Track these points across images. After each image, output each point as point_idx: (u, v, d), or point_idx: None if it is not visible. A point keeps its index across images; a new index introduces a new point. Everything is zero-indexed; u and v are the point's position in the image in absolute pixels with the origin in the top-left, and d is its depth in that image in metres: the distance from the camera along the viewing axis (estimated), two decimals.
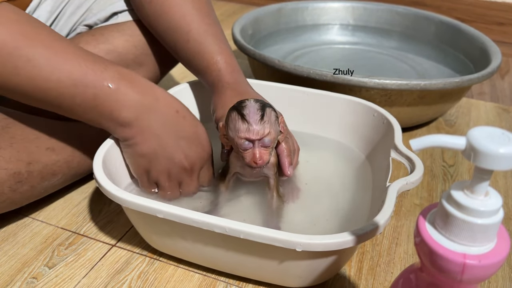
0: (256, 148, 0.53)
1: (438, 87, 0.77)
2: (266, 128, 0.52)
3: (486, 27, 1.44)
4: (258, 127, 0.51)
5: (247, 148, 0.53)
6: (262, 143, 0.52)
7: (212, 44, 0.63)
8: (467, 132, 0.28)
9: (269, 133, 0.52)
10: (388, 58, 1.08)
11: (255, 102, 0.53)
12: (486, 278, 0.30)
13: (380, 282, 0.55)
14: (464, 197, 0.29)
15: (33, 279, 0.54)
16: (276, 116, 0.54)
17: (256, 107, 0.52)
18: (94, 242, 0.59)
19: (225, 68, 0.62)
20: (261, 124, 0.51)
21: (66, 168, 0.62)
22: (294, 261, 0.47)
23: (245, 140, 0.52)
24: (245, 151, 0.53)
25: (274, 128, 0.53)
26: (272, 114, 0.53)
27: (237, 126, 0.52)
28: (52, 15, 0.70)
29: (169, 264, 0.56)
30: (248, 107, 0.52)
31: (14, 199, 0.57)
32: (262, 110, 0.52)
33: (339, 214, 0.58)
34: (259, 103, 0.53)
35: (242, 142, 0.52)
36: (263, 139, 0.52)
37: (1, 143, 0.55)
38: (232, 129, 0.53)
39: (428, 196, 0.70)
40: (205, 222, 0.46)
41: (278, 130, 0.54)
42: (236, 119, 0.52)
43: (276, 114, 0.54)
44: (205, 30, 0.63)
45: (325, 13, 1.20)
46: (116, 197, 0.49)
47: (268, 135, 0.52)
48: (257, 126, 0.51)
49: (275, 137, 0.53)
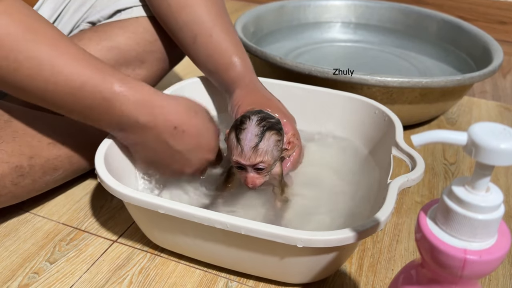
0: (249, 173, 0.53)
1: (440, 85, 0.77)
2: (259, 156, 0.51)
3: (488, 25, 1.44)
4: (250, 154, 0.51)
5: (241, 171, 0.54)
6: (255, 168, 0.52)
7: (232, 42, 0.64)
8: (468, 128, 0.28)
9: (263, 161, 0.52)
10: (390, 56, 1.08)
11: (256, 125, 0.52)
12: (486, 274, 0.30)
13: (380, 279, 0.55)
14: (465, 193, 0.29)
15: (34, 274, 0.54)
16: (277, 140, 0.53)
17: (255, 132, 0.51)
18: (96, 237, 0.60)
19: (244, 68, 0.63)
20: (255, 152, 0.51)
21: (67, 163, 0.62)
22: (295, 257, 0.47)
23: (237, 164, 0.53)
24: (239, 172, 0.54)
25: (271, 154, 0.52)
26: (272, 139, 0.52)
27: (232, 148, 0.52)
28: (55, 12, 0.70)
29: (170, 260, 0.56)
30: (246, 131, 0.51)
31: (15, 193, 0.57)
32: (261, 135, 0.51)
33: (340, 210, 0.58)
34: (260, 126, 0.52)
35: (235, 164, 0.53)
36: (256, 166, 0.52)
37: (4, 137, 0.55)
38: (228, 148, 0.54)
39: (429, 194, 0.70)
40: (206, 218, 0.46)
41: (275, 155, 0.53)
42: (233, 140, 0.52)
43: (277, 138, 0.53)
44: (226, 28, 0.64)
45: (327, 11, 1.20)
46: (117, 193, 0.49)
47: (261, 162, 0.52)
48: (249, 153, 0.51)
49: (272, 162, 0.53)
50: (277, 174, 0.57)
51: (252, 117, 0.53)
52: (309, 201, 0.60)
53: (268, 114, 0.55)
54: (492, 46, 0.93)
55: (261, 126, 0.52)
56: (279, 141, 0.53)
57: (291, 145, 0.56)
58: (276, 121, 0.54)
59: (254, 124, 0.52)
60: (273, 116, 0.55)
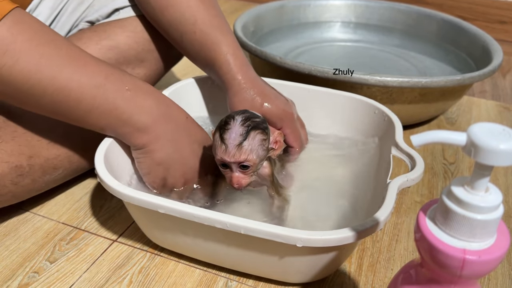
0: (234, 172, 0.52)
1: (440, 84, 0.77)
2: (244, 154, 0.51)
3: (488, 25, 1.44)
4: (235, 151, 0.51)
5: (226, 170, 0.53)
6: (240, 167, 0.52)
7: (219, 35, 0.63)
8: (468, 128, 0.28)
9: (248, 159, 0.51)
10: (389, 56, 1.08)
11: (240, 125, 0.51)
12: (485, 274, 0.30)
13: (380, 278, 0.55)
14: (464, 193, 0.29)
15: (34, 274, 0.54)
16: (263, 139, 0.53)
17: (239, 131, 0.51)
18: (95, 237, 0.60)
19: (234, 61, 0.62)
20: (239, 149, 0.51)
21: (67, 163, 0.62)
22: (295, 257, 0.47)
23: (221, 162, 0.52)
24: (224, 171, 0.54)
25: (256, 153, 0.51)
26: (257, 138, 0.52)
27: (216, 147, 0.52)
28: (53, 11, 0.70)
29: (170, 259, 0.56)
30: (230, 131, 0.51)
31: (15, 192, 0.57)
32: (245, 134, 0.51)
33: (339, 210, 0.58)
34: (244, 126, 0.51)
35: (219, 162, 0.53)
36: (241, 163, 0.52)
37: (3, 136, 0.55)
38: (213, 147, 0.53)
39: (429, 194, 0.70)
40: (206, 217, 0.46)
41: (261, 154, 0.52)
42: (217, 140, 0.52)
43: (262, 137, 0.53)
44: (211, 21, 0.63)
45: (327, 11, 1.20)
46: (117, 192, 0.49)
47: (246, 161, 0.51)
48: (233, 150, 0.51)
49: (257, 161, 0.52)
50: (267, 175, 0.57)
51: (236, 117, 0.52)
52: (308, 200, 0.60)
53: (253, 113, 0.54)
54: (491, 46, 0.93)
55: (245, 126, 0.52)
56: (265, 140, 0.53)
57: (278, 144, 0.55)
58: (261, 121, 0.54)
59: (239, 124, 0.52)
60: (258, 115, 0.55)
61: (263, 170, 0.56)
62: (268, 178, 0.57)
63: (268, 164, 0.57)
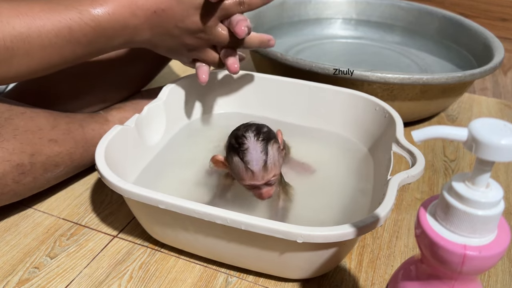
0: (262, 189, 0.53)
1: (440, 81, 0.77)
2: (270, 172, 0.51)
3: (489, 22, 1.44)
4: (262, 173, 0.51)
5: (254, 189, 0.53)
6: (268, 183, 0.53)
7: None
8: (469, 123, 0.28)
9: (275, 174, 0.52)
10: (390, 52, 1.08)
11: (256, 141, 0.51)
12: (486, 270, 0.30)
13: (380, 274, 0.55)
14: (465, 189, 0.29)
15: (35, 269, 0.54)
16: (278, 147, 0.53)
17: (259, 149, 0.50)
18: (96, 233, 0.60)
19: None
20: (265, 170, 0.51)
21: (68, 160, 0.62)
22: (295, 253, 0.47)
23: (252, 186, 0.53)
24: (251, 190, 0.54)
25: (278, 164, 0.52)
26: (274, 149, 0.52)
27: (241, 174, 0.52)
28: None
29: (170, 255, 0.56)
30: (250, 152, 0.50)
31: (17, 190, 0.57)
32: (265, 152, 0.50)
33: (340, 206, 0.58)
34: (260, 141, 0.51)
35: (248, 187, 0.53)
36: (269, 181, 0.52)
37: (5, 135, 0.55)
38: (236, 174, 0.53)
39: (429, 191, 0.70)
40: (206, 213, 0.46)
41: (281, 161, 0.53)
42: (239, 166, 0.51)
43: (277, 145, 0.53)
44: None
45: (328, 7, 1.20)
46: (117, 188, 0.49)
47: (273, 176, 0.52)
48: (261, 173, 0.51)
49: (279, 171, 0.53)
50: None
51: (247, 135, 0.52)
52: (309, 196, 0.60)
53: (256, 123, 0.54)
54: (493, 43, 0.93)
55: (261, 141, 0.51)
56: (279, 148, 0.54)
57: (282, 143, 0.56)
58: (267, 129, 0.54)
59: (254, 141, 0.51)
60: (262, 124, 0.55)
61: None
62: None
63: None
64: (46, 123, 0.60)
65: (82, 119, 0.65)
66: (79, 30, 0.52)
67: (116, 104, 0.75)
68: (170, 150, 0.67)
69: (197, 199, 0.57)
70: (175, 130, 0.70)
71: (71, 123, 0.63)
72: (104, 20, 0.52)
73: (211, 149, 0.66)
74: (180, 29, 0.56)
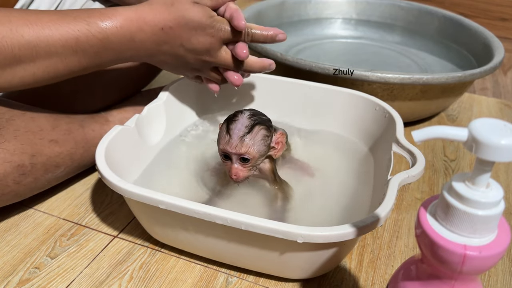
0: (233, 164, 0.54)
1: (441, 81, 0.77)
2: (245, 147, 0.53)
3: (489, 22, 1.44)
4: (237, 143, 0.53)
5: (226, 161, 0.55)
6: (240, 159, 0.54)
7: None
8: (469, 124, 0.28)
9: (248, 152, 0.53)
10: (390, 52, 1.08)
11: (247, 118, 0.54)
12: (486, 270, 0.30)
13: (380, 274, 0.55)
14: (465, 189, 0.29)
15: (35, 269, 0.54)
16: (265, 135, 0.54)
17: (245, 124, 0.53)
18: (96, 233, 0.60)
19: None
20: (241, 141, 0.53)
21: (69, 160, 0.62)
22: (295, 253, 0.47)
23: (223, 152, 0.54)
24: (225, 163, 0.55)
25: (257, 148, 0.53)
26: (260, 133, 0.54)
27: (221, 137, 0.54)
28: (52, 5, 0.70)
29: (170, 255, 0.56)
30: (237, 122, 0.54)
31: (18, 191, 0.57)
32: (250, 128, 0.53)
33: (340, 206, 0.58)
34: (251, 120, 0.54)
35: (221, 153, 0.55)
36: (241, 156, 0.53)
37: (6, 136, 0.55)
38: (218, 138, 0.55)
39: (429, 190, 0.70)
40: (206, 213, 0.46)
41: (262, 150, 0.54)
42: (223, 130, 0.55)
43: (266, 133, 0.54)
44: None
45: (328, 7, 1.20)
46: (118, 188, 0.49)
47: (245, 153, 0.53)
48: (236, 142, 0.53)
49: (256, 156, 0.54)
50: (267, 171, 0.58)
51: (244, 112, 0.55)
52: (309, 196, 0.60)
53: (260, 112, 0.57)
54: (493, 43, 0.93)
55: (251, 119, 0.54)
56: (267, 137, 0.55)
57: (279, 145, 0.57)
58: (267, 119, 0.56)
59: (246, 117, 0.54)
60: (265, 115, 0.57)
61: (263, 165, 0.57)
62: (269, 174, 0.58)
63: (269, 161, 0.57)
64: (46, 123, 0.60)
65: (82, 119, 0.65)
66: (86, 41, 0.52)
67: (116, 105, 0.75)
68: (170, 150, 0.67)
69: (197, 199, 0.58)
70: (175, 130, 0.70)
71: (72, 123, 0.63)
72: (112, 33, 0.53)
73: (211, 149, 0.66)
74: (185, 48, 0.56)
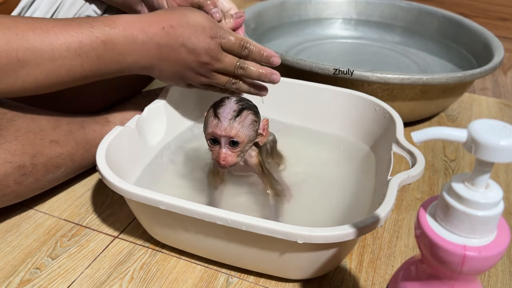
0: (222, 148, 0.53)
1: (441, 81, 0.77)
2: (235, 129, 0.52)
3: (489, 22, 1.44)
4: (226, 125, 0.52)
5: (214, 146, 0.54)
6: (229, 143, 0.53)
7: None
8: (468, 125, 0.28)
9: (237, 135, 0.52)
10: (390, 52, 1.08)
11: (235, 103, 0.53)
12: (485, 270, 0.31)
13: (380, 275, 0.55)
14: (464, 189, 0.29)
15: (36, 270, 0.54)
16: (254, 120, 0.54)
17: (233, 108, 0.53)
18: (97, 233, 0.60)
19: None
20: (230, 124, 0.52)
21: (70, 161, 0.62)
22: (295, 253, 0.47)
23: (212, 136, 0.53)
24: (213, 147, 0.54)
25: (245, 132, 0.53)
26: (249, 117, 0.53)
27: (208, 121, 0.53)
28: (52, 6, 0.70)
29: (171, 255, 0.57)
30: (224, 107, 0.53)
31: (18, 192, 0.58)
32: (238, 112, 0.53)
33: (340, 207, 0.58)
34: (239, 104, 0.53)
35: (209, 137, 0.53)
36: (230, 139, 0.52)
37: (7, 136, 0.55)
38: (205, 123, 0.54)
39: (429, 191, 0.70)
40: (207, 214, 0.46)
41: (250, 135, 0.53)
42: (210, 114, 0.54)
43: (254, 118, 0.54)
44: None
45: (328, 7, 1.20)
46: (118, 189, 0.49)
47: (235, 136, 0.52)
48: (225, 124, 0.52)
49: (245, 140, 0.53)
50: (254, 165, 0.58)
51: (231, 97, 0.55)
52: (309, 197, 0.60)
53: (246, 98, 0.57)
54: (493, 43, 0.93)
55: (239, 104, 0.54)
56: (255, 122, 0.54)
57: (265, 131, 0.56)
58: (254, 105, 0.56)
59: (233, 102, 0.54)
60: (251, 101, 0.57)
61: (250, 159, 0.57)
62: (256, 168, 0.58)
63: (256, 154, 0.57)
64: (47, 124, 0.60)
65: (83, 120, 0.65)
66: (89, 44, 0.53)
67: (117, 105, 0.75)
68: (170, 151, 0.67)
69: (197, 199, 0.58)
70: (176, 130, 0.70)
71: (72, 124, 0.63)
72: (114, 34, 0.54)
73: None
74: (186, 49, 0.56)
